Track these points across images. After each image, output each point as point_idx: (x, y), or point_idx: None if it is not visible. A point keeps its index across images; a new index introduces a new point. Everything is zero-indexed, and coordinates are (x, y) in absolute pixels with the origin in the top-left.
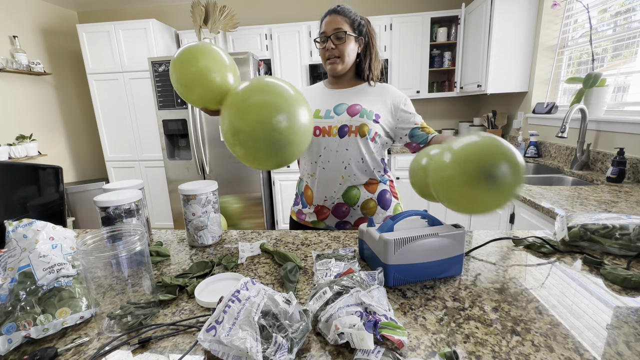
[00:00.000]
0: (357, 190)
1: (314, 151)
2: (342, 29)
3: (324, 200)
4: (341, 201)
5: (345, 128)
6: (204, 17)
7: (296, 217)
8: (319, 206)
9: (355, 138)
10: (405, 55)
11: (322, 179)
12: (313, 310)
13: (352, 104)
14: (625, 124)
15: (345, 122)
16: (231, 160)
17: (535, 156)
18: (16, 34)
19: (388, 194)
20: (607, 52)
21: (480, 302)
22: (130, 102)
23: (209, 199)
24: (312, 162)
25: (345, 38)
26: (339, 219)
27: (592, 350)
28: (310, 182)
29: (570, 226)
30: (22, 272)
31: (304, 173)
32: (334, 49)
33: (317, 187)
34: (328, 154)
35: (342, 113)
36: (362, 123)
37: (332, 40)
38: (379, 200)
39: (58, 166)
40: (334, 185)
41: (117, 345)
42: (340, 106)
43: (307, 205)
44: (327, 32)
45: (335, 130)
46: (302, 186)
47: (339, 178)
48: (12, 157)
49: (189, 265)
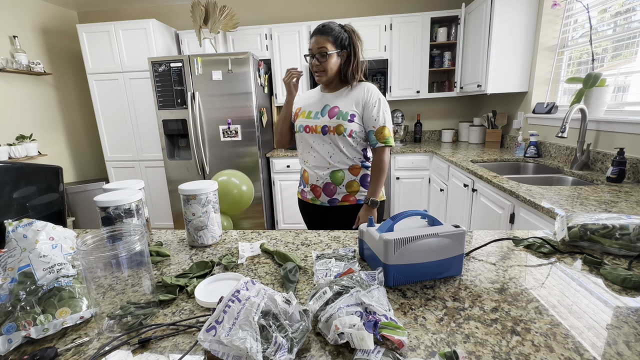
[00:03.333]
0: (342, 172)
1: (306, 144)
2: (325, 48)
3: (316, 180)
4: (329, 181)
5: (325, 128)
6: (204, 17)
7: (300, 195)
8: (313, 185)
9: (334, 135)
10: (405, 55)
11: (314, 164)
12: (313, 310)
13: (333, 106)
14: (625, 124)
15: (326, 122)
16: (231, 161)
17: (535, 156)
18: (16, 34)
19: (368, 177)
20: (607, 52)
21: (480, 302)
22: (130, 102)
23: (209, 199)
24: (307, 152)
25: (327, 56)
26: (329, 197)
27: (592, 350)
28: (305, 166)
29: (570, 226)
30: (22, 272)
31: (302, 160)
32: (318, 65)
33: (310, 171)
34: (316, 146)
35: (325, 114)
36: (339, 124)
37: (317, 58)
38: (361, 181)
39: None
40: (323, 169)
41: (117, 345)
42: (325, 108)
43: (306, 184)
44: (313, 51)
45: (319, 129)
46: (302, 170)
47: (326, 164)
48: (12, 157)
49: (189, 265)
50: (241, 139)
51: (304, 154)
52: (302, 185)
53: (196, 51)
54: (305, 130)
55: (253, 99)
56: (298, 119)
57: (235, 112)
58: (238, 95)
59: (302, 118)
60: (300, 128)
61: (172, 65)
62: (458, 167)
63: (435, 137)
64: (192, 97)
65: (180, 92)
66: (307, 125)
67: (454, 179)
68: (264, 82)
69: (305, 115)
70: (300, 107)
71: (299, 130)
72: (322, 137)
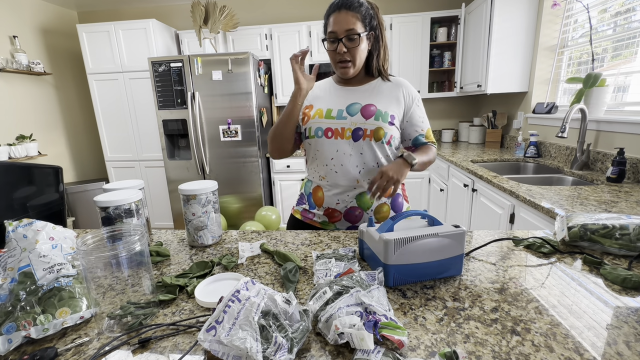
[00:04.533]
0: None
1: (326, 153)
2: (354, 30)
3: (336, 203)
4: (354, 205)
5: (359, 131)
6: (204, 17)
7: (301, 215)
8: (330, 209)
9: (370, 142)
10: (405, 55)
11: (335, 182)
12: (313, 310)
13: (366, 104)
14: (625, 124)
15: (360, 124)
16: (231, 160)
17: (535, 156)
18: (16, 34)
19: (400, 197)
20: (607, 52)
21: (480, 302)
22: (130, 102)
23: (209, 199)
24: (324, 165)
25: (358, 40)
26: (351, 223)
27: (592, 350)
28: (321, 184)
29: (570, 226)
30: (22, 272)
31: (314, 174)
32: (345, 52)
33: (329, 190)
34: (341, 157)
35: (355, 114)
36: (378, 127)
37: (345, 43)
38: (392, 204)
39: (58, 166)
40: (348, 189)
41: (117, 345)
42: (353, 106)
43: (316, 206)
44: (338, 34)
45: (348, 133)
46: (311, 187)
47: (353, 182)
48: (12, 157)
49: (189, 265)
50: (241, 139)
51: (321, 167)
52: (308, 205)
53: (196, 51)
54: (327, 134)
55: (253, 99)
56: (312, 119)
57: (235, 112)
58: (238, 95)
59: (320, 118)
60: (317, 132)
61: (172, 65)
62: (458, 167)
63: (435, 137)
64: (192, 97)
65: (180, 92)
66: (328, 127)
67: (454, 179)
68: (264, 82)
69: (323, 114)
70: (311, 104)
71: (315, 134)
72: (351, 144)
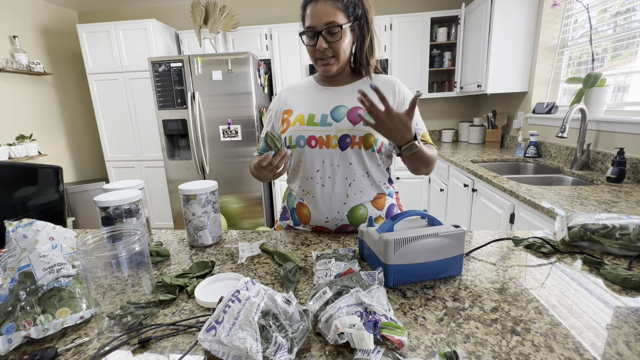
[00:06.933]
0: (364, 208)
1: (309, 165)
2: (335, 22)
3: (325, 221)
4: (346, 222)
5: (347, 139)
6: (204, 17)
7: (284, 230)
8: (318, 227)
9: (359, 151)
10: (405, 55)
11: (322, 197)
12: (313, 310)
13: (353, 107)
14: (625, 124)
15: (347, 131)
16: (231, 160)
17: (535, 156)
18: (16, 34)
19: (395, 207)
20: (607, 52)
21: (480, 302)
22: (130, 102)
23: (209, 199)
24: (308, 178)
25: (341, 33)
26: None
27: (592, 350)
28: (306, 200)
29: (570, 226)
30: (22, 272)
31: (297, 189)
32: (327, 48)
33: (316, 207)
34: (328, 168)
35: (341, 119)
36: (367, 133)
37: (325, 37)
38: (387, 216)
39: (58, 166)
40: (338, 205)
41: (117, 345)
42: (338, 110)
43: (301, 223)
44: (317, 27)
45: (335, 141)
46: (294, 202)
47: (343, 197)
48: (12, 157)
49: (189, 265)
50: (241, 139)
51: (304, 181)
52: (292, 221)
53: (196, 51)
54: (310, 143)
55: (253, 99)
56: (292, 126)
57: (235, 112)
58: (238, 95)
59: (301, 125)
60: (299, 140)
61: (172, 65)
62: (458, 167)
63: (435, 137)
64: (192, 97)
65: (180, 92)
66: (312, 136)
67: (454, 179)
68: (264, 82)
69: (305, 120)
70: (290, 108)
71: (297, 144)
72: (339, 153)
